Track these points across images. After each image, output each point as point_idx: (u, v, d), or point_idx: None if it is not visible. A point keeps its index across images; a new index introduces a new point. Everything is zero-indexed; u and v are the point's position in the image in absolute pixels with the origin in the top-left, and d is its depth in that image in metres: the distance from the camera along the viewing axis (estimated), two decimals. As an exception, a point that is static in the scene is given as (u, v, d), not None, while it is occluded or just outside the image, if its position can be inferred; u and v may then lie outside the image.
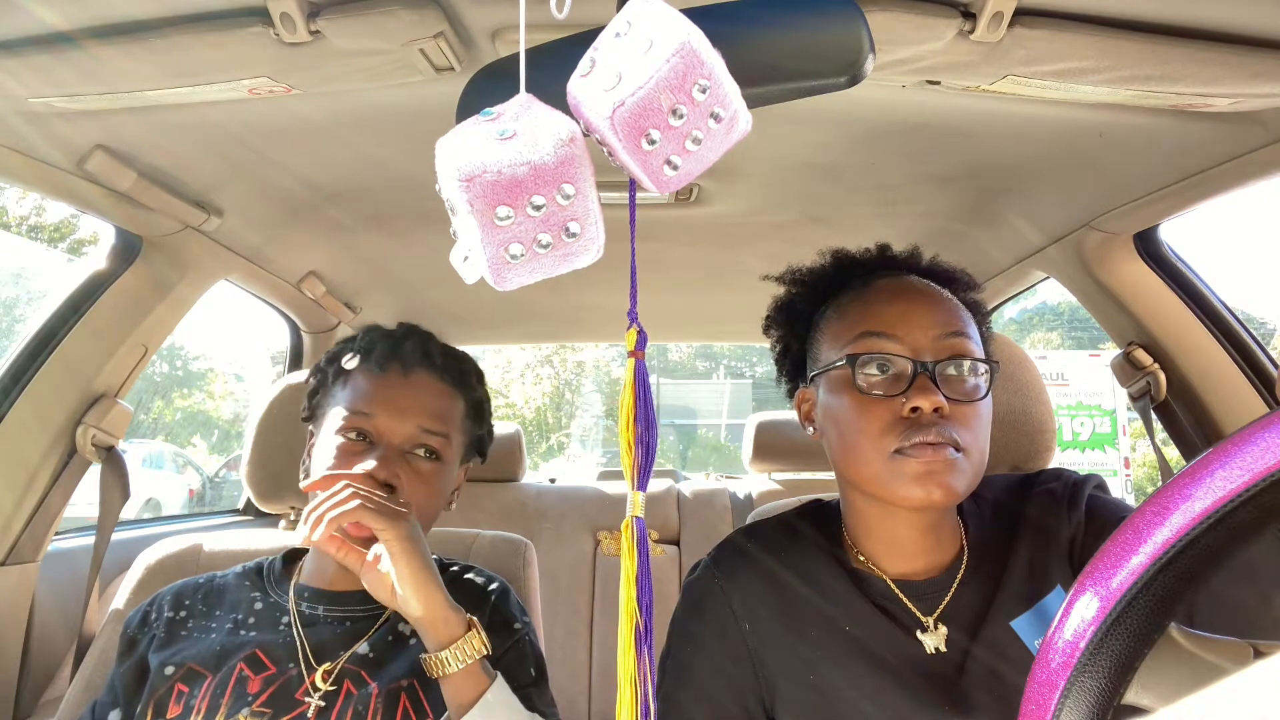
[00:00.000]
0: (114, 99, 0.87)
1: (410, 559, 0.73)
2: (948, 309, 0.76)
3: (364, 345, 0.91)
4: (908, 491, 0.70)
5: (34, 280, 12.86)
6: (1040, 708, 0.36)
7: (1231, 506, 0.33)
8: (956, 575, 0.77)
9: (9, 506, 1.20)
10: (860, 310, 0.77)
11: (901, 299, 0.76)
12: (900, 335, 0.73)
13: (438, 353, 0.92)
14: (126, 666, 0.87)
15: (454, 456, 0.92)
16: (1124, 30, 0.76)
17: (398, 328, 0.95)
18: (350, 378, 0.90)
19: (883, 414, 0.72)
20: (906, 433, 0.70)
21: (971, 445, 0.71)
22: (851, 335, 0.75)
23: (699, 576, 0.82)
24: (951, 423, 0.71)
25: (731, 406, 18.16)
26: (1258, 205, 50.57)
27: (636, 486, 0.46)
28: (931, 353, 0.73)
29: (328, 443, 0.87)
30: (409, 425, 0.86)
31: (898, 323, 0.74)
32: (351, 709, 0.80)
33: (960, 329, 0.75)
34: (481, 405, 0.97)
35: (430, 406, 0.88)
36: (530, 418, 17.23)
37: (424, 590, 0.73)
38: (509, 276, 0.44)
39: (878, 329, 0.74)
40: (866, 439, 0.72)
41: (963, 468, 0.70)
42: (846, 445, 0.74)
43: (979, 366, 0.74)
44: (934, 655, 0.73)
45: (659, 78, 0.41)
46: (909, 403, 0.70)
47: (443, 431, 0.89)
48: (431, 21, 0.75)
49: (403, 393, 0.88)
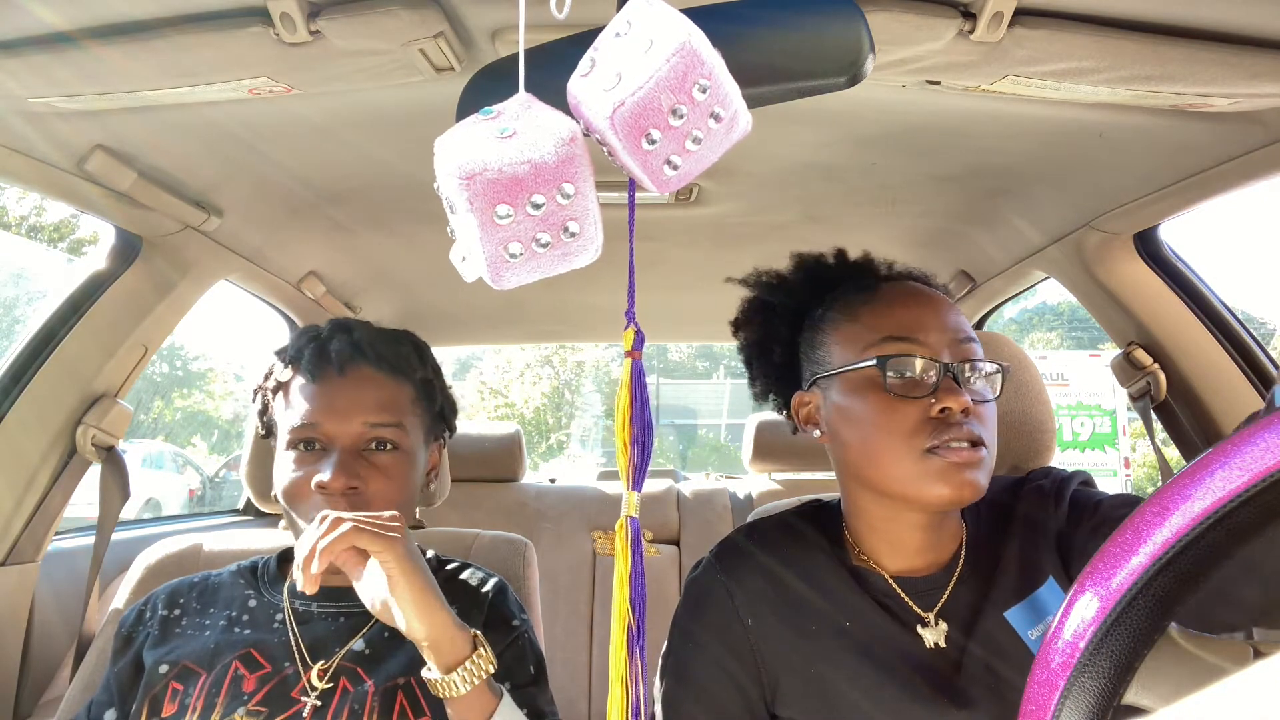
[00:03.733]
0: (114, 99, 0.87)
1: (410, 579, 0.70)
2: (959, 315, 0.79)
3: (293, 354, 0.89)
4: (938, 490, 0.71)
5: (34, 280, 12.86)
6: (1040, 708, 0.36)
7: (1231, 506, 0.33)
8: (954, 572, 0.78)
9: (9, 506, 1.20)
10: (877, 313, 0.78)
11: (918, 304, 0.79)
12: (921, 339, 0.75)
13: (368, 342, 0.89)
14: (121, 665, 0.87)
15: (415, 442, 0.90)
16: (1124, 30, 0.76)
17: (325, 326, 0.93)
18: (288, 389, 0.88)
19: (912, 414, 0.73)
20: (938, 432, 0.72)
21: (990, 443, 0.74)
22: (873, 338, 0.77)
23: (701, 574, 0.83)
24: (974, 422, 0.73)
25: (731, 406, 18.16)
26: (1258, 205, 50.54)
27: (631, 486, 0.46)
28: (951, 355, 0.75)
29: (282, 459, 0.86)
30: (355, 425, 0.85)
31: (918, 326, 0.76)
32: (348, 707, 0.80)
33: (969, 335, 0.78)
34: (430, 382, 0.95)
35: (373, 400, 0.86)
36: (529, 417, 17.23)
37: (428, 611, 0.70)
38: (508, 275, 0.44)
39: (901, 333, 0.76)
40: (897, 439, 0.73)
41: (987, 465, 0.73)
42: (871, 446, 0.75)
43: (990, 370, 0.77)
44: (933, 651, 0.74)
45: (659, 77, 0.41)
46: (938, 403, 0.72)
47: (392, 421, 0.87)
48: (431, 21, 0.75)
49: (341, 393, 0.86)
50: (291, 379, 0.89)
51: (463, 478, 2.05)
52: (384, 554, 0.70)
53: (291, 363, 0.89)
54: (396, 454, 0.87)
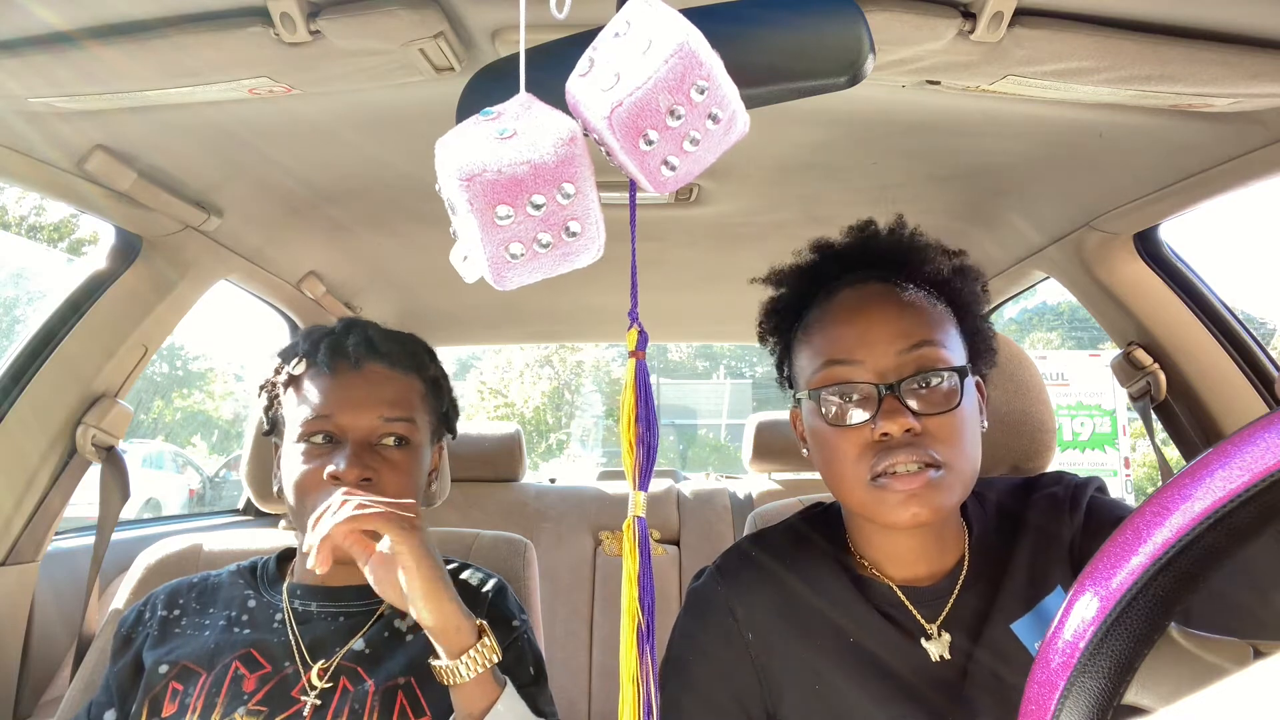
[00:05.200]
0: (114, 99, 0.87)
1: (424, 568, 0.72)
2: (911, 318, 0.73)
3: (307, 348, 0.91)
4: (895, 517, 0.69)
5: (34, 280, 12.86)
6: (1040, 708, 0.36)
7: (1231, 506, 0.33)
8: (959, 580, 0.76)
9: (9, 506, 1.20)
10: (822, 336, 0.76)
11: (861, 317, 0.74)
12: (862, 358, 0.72)
13: (382, 340, 0.92)
14: (121, 665, 0.87)
15: (423, 439, 0.91)
16: (1123, 30, 0.76)
17: (338, 324, 0.95)
18: (300, 383, 0.89)
19: (855, 440, 0.71)
20: (879, 458, 0.69)
21: (953, 458, 0.70)
22: (816, 365, 0.75)
23: (702, 585, 0.82)
24: (927, 439, 0.69)
25: (731, 406, 18.17)
26: (1258, 205, 50.54)
27: (638, 486, 0.46)
28: (896, 371, 0.71)
29: (292, 451, 0.86)
30: (370, 417, 0.86)
31: (857, 346, 0.73)
32: (348, 707, 0.80)
33: (926, 337, 0.72)
34: (438, 382, 0.96)
35: (387, 395, 0.88)
36: (529, 417, 17.23)
37: (438, 601, 0.72)
38: (509, 276, 0.44)
39: (838, 356, 0.73)
40: (845, 466, 0.72)
41: (946, 484, 0.69)
42: (829, 472, 0.75)
43: (949, 375, 0.71)
44: (938, 663, 0.73)
45: (657, 78, 0.41)
46: (878, 429, 0.69)
47: (405, 416, 0.88)
48: (431, 21, 0.75)
49: (357, 387, 0.87)
50: (304, 373, 0.90)
51: (463, 478, 2.05)
52: (402, 541, 0.71)
53: (305, 357, 0.90)
54: (407, 449, 0.88)
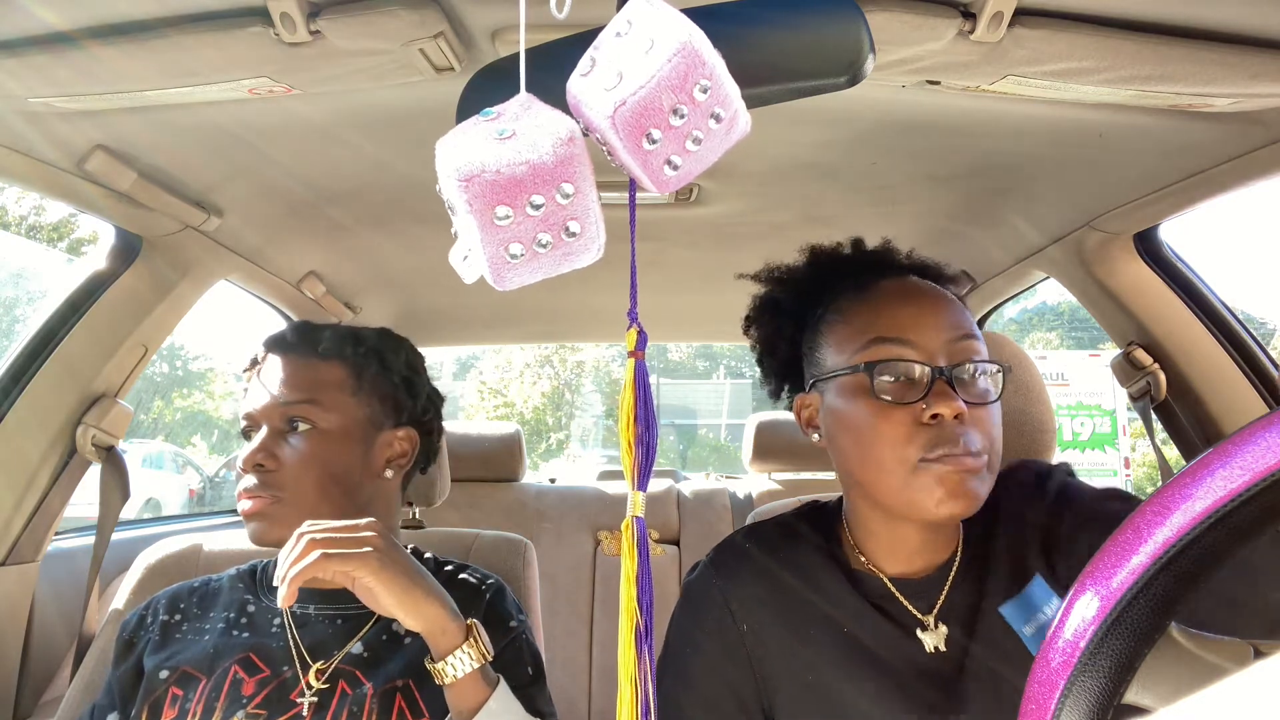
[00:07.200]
0: (114, 99, 0.87)
1: (389, 588, 0.71)
2: (956, 311, 0.75)
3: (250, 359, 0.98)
4: (932, 505, 0.69)
5: (34, 280, 12.86)
6: (1040, 708, 0.36)
7: (1232, 506, 0.33)
8: (951, 571, 0.77)
9: (9, 506, 1.20)
10: (868, 314, 0.75)
11: (912, 302, 0.75)
12: (914, 340, 0.72)
13: (293, 332, 0.96)
14: (123, 669, 0.87)
15: (342, 421, 0.91)
16: (1124, 30, 0.76)
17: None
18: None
19: (903, 420, 0.70)
20: (929, 443, 0.69)
21: (989, 450, 0.71)
22: (863, 341, 0.74)
23: (697, 578, 0.82)
24: (970, 428, 0.70)
25: (731, 406, 18.17)
26: (1258, 205, 50.55)
27: (637, 486, 0.46)
28: (946, 357, 0.72)
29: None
30: (269, 404, 0.90)
31: (910, 327, 0.72)
32: (346, 710, 0.80)
33: (970, 331, 0.74)
34: (366, 364, 0.95)
35: (284, 381, 0.91)
36: (529, 417, 17.23)
37: (415, 607, 0.72)
38: (509, 276, 0.44)
39: (891, 334, 0.72)
40: (888, 448, 0.70)
41: (985, 475, 0.70)
42: (865, 454, 0.73)
43: (991, 369, 0.73)
44: (934, 654, 0.73)
45: (660, 77, 0.41)
46: (929, 409, 0.69)
47: (302, 399, 0.89)
48: (431, 21, 0.75)
49: (262, 380, 0.93)
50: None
51: (463, 478, 2.05)
52: (354, 572, 0.71)
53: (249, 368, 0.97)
54: (312, 432, 0.89)
